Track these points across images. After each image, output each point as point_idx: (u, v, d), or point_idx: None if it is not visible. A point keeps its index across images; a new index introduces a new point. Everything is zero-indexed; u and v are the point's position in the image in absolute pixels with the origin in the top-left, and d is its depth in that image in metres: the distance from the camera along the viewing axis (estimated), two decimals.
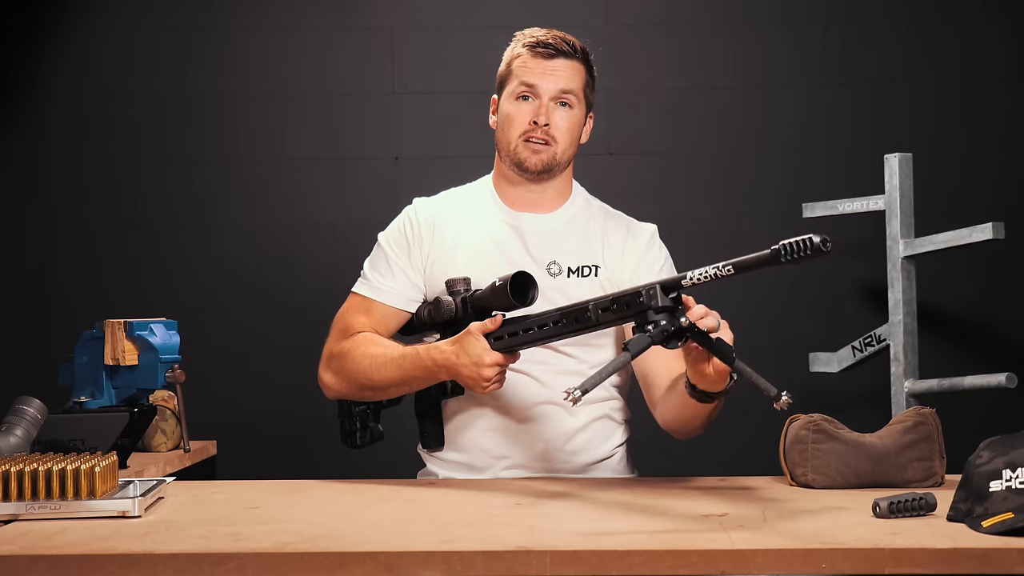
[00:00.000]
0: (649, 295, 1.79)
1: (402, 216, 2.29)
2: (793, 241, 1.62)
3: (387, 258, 2.24)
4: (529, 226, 2.24)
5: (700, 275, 1.74)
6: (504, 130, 2.22)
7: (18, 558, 1.51)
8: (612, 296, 1.86)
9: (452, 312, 2.10)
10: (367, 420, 2.21)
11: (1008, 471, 1.59)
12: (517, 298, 2.00)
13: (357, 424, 2.21)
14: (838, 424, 2.01)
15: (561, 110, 2.19)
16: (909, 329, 3.48)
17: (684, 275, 1.76)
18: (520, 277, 2.01)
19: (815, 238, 1.61)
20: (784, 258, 1.63)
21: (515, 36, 2.27)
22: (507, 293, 1.99)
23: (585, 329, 1.92)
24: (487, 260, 2.18)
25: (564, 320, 1.92)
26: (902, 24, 3.80)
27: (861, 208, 3.53)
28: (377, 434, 2.23)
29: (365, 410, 2.21)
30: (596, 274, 2.21)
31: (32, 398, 2.22)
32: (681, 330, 1.78)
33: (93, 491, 1.75)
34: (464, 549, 1.50)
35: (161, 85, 3.82)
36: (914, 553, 1.47)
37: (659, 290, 1.79)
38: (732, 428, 3.65)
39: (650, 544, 1.51)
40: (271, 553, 1.50)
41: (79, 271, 3.80)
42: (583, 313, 1.89)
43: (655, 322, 1.77)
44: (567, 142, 2.20)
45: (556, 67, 2.19)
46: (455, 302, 2.10)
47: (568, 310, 1.92)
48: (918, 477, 1.96)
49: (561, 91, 2.18)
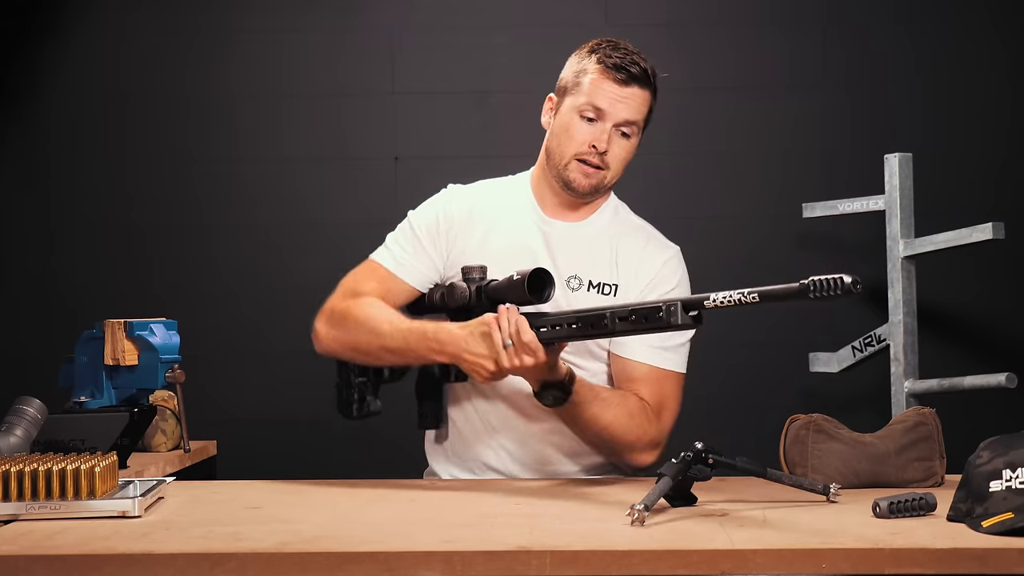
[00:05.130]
0: (670, 311, 1.79)
1: (437, 201, 2.28)
2: (824, 279, 1.60)
3: (415, 237, 2.24)
4: (559, 234, 2.22)
5: (723, 299, 1.72)
6: (560, 142, 2.19)
7: (18, 558, 1.51)
8: (632, 307, 1.86)
9: (466, 299, 2.08)
10: (365, 393, 2.18)
11: (1008, 471, 1.59)
12: (533, 294, 1.99)
13: (355, 395, 2.18)
14: (838, 424, 2.00)
15: (621, 140, 2.17)
16: (909, 329, 3.48)
17: (707, 296, 1.75)
18: (538, 274, 2.01)
19: (846, 279, 1.58)
20: (812, 294, 1.61)
21: (587, 45, 2.20)
22: (524, 288, 1.99)
23: (600, 335, 1.93)
24: (513, 263, 2.13)
25: (580, 324, 1.92)
26: (901, 24, 3.80)
27: (861, 208, 3.53)
28: (375, 408, 2.19)
29: (364, 382, 2.18)
30: (615, 293, 2.20)
31: (32, 398, 2.22)
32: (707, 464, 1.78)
33: (93, 491, 1.75)
34: (464, 549, 1.50)
35: (161, 85, 3.82)
36: (914, 553, 1.47)
37: (680, 308, 1.79)
38: (732, 428, 3.66)
39: (650, 544, 1.51)
40: (271, 553, 1.50)
41: (79, 271, 3.80)
42: (600, 320, 1.89)
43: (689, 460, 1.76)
44: (619, 169, 2.19)
45: (627, 95, 2.15)
46: (470, 289, 2.09)
47: (585, 315, 1.91)
48: (918, 477, 1.96)
49: (626, 121, 2.15)
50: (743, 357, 3.75)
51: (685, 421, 2.25)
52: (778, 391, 3.72)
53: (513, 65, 3.80)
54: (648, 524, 1.64)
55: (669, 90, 2.25)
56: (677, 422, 2.22)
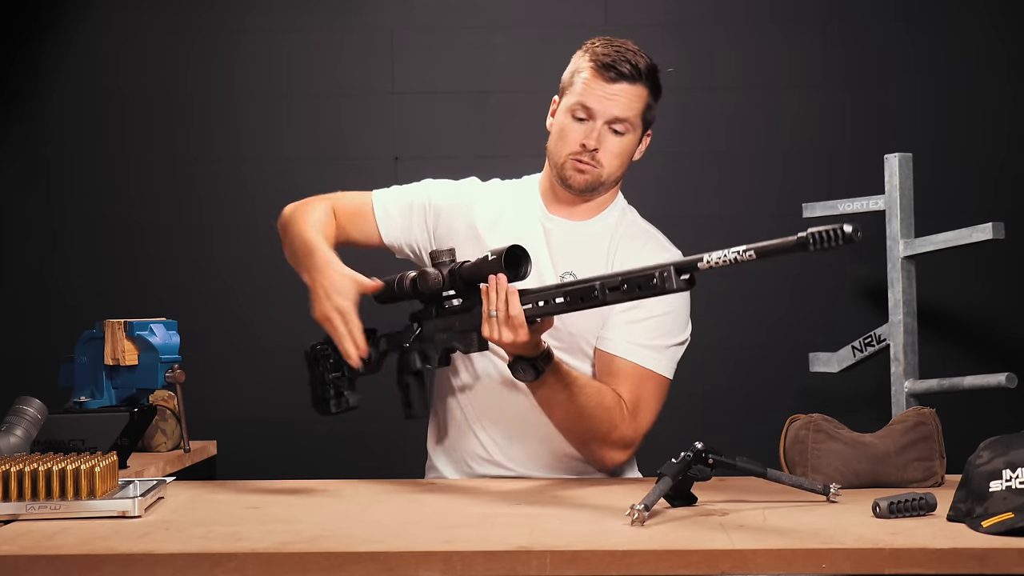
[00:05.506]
0: (663, 277, 1.74)
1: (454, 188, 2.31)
2: (824, 230, 1.54)
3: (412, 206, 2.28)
4: (561, 231, 2.23)
5: (718, 258, 1.67)
6: (556, 143, 2.21)
7: (18, 558, 1.51)
8: (622, 275, 1.81)
9: (440, 283, 2.02)
10: (341, 388, 2.14)
11: (1008, 471, 1.59)
12: (510, 269, 1.95)
13: (331, 391, 2.14)
14: (838, 424, 2.00)
15: (613, 137, 2.17)
16: (909, 329, 3.48)
17: (700, 257, 1.69)
18: (513, 250, 1.96)
19: (847, 227, 1.52)
20: (813, 247, 1.56)
21: (585, 44, 2.21)
22: (501, 265, 1.93)
23: (590, 307, 1.87)
24: None
25: (568, 297, 1.87)
26: (901, 24, 3.80)
27: (861, 208, 3.53)
28: (353, 402, 2.15)
29: (339, 377, 2.14)
30: None
31: (32, 398, 2.22)
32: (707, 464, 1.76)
33: (93, 491, 1.75)
34: (464, 549, 1.50)
35: (162, 85, 3.82)
36: (914, 553, 1.47)
37: (673, 272, 1.74)
38: (732, 428, 3.66)
39: (650, 544, 1.51)
40: (271, 553, 1.50)
41: (79, 271, 3.80)
42: (589, 292, 1.84)
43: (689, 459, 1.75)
44: (615, 166, 2.19)
45: (616, 92, 2.15)
46: (442, 274, 2.02)
47: (572, 289, 1.87)
48: (918, 477, 1.96)
49: (616, 118, 2.16)
50: (743, 357, 3.75)
51: (685, 421, 2.25)
52: (778, 391, 3.72)
53: (513, 65, 3.80)
54: (648, 524, 1.64)
55: (669, 90, 2.25)
56: (677, 422, 2.22)
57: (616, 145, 2.18)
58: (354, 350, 2.02)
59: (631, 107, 2.17)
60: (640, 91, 2.17)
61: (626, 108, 2.16)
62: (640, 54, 2.19)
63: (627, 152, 2.20)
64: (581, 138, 2.16)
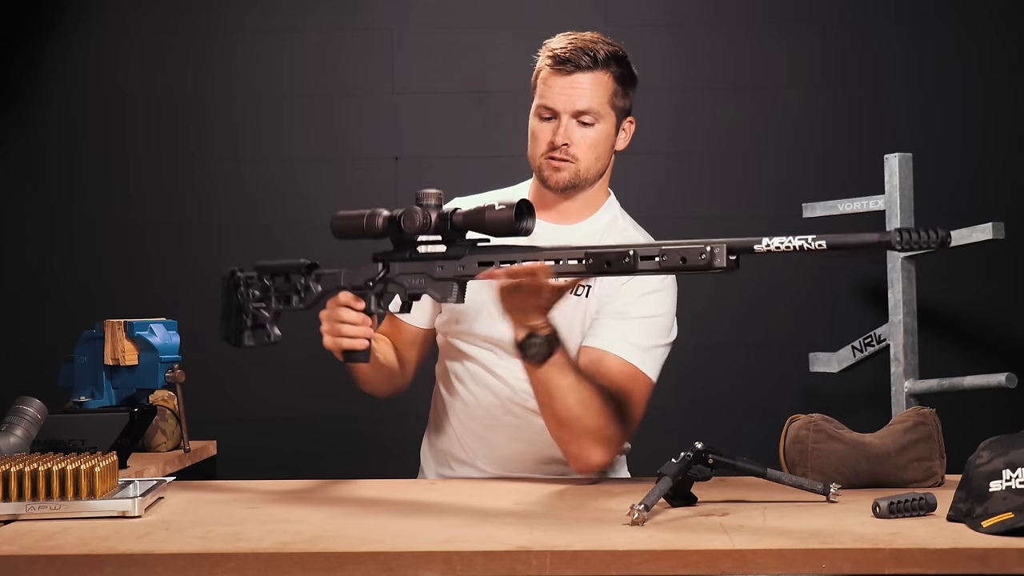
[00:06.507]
0: (713, 253, 1.62)
1: None
2: (917, 230, 1.46)
3: None
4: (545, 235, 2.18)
5: (780, 243, 1.55)
6: (530, 146, 2.21)
7: (18, 558, 1.51)
8: (661, 246, 1.68)
9: (427, 225, 1.86)
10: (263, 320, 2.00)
11: (1008, 471, 1.59)
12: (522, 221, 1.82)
13: (248, 321, 2.01)
14: (838, 424, 2.00)
15: (583, 129, 2.16)
16: (909, 329, 3.48)
17: (759, 240, 1.59)
18: (522, 205, 1.83)
19: (940, 231, 1.45)
20: (900, 246, 1.47)
21: (545, 42, 2.22)
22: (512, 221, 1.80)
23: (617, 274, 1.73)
24: None
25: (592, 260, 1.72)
26: (901, 25, 3.80)
27: (861, 208, 3.53)
28: (275, 337, 1.99)
29: (263, 308, 2.01)
30: (587, 295, 2.17)
31: (32, 398, 2.21)
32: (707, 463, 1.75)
33: (93, 491, 1.75)
34: (464, 549, 1.50)
35: (162, 84, 3.82)
36: (914, 553, 1.47)
37: (725, 251, 1.62)
38: (732, 428, 3.66)
39: (650, 544, 1.51)
40: (271, 553, 1.50)
41: (79, 271, 3.80)
42: (620, 259, 1.69)
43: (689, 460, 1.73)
44: (591, 158, 2.18)
45: (574, 84, 2.14)
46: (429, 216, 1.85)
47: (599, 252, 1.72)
48: (918, 477, 1.96)
49: (579, 111, 2.15)
50: (743, 357, 3.75)
51: (685, 421, 2.25)
52: (778, 391, 3.72)
53: (513, 65, 3.78)
54: (648, 524, 1.64)
55: (668, 90, 2.26)
56: (678, 422, 2.22)
57: (586, 137, 2.16)
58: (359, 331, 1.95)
59: (594, 96, 2.15)
60: (601, 78, 2.16)
61: (588, 98, 2.15)
62: (602, 42, 2.18)
63: (600, 142, 2.18)
64: (549, 137, 2.16)
